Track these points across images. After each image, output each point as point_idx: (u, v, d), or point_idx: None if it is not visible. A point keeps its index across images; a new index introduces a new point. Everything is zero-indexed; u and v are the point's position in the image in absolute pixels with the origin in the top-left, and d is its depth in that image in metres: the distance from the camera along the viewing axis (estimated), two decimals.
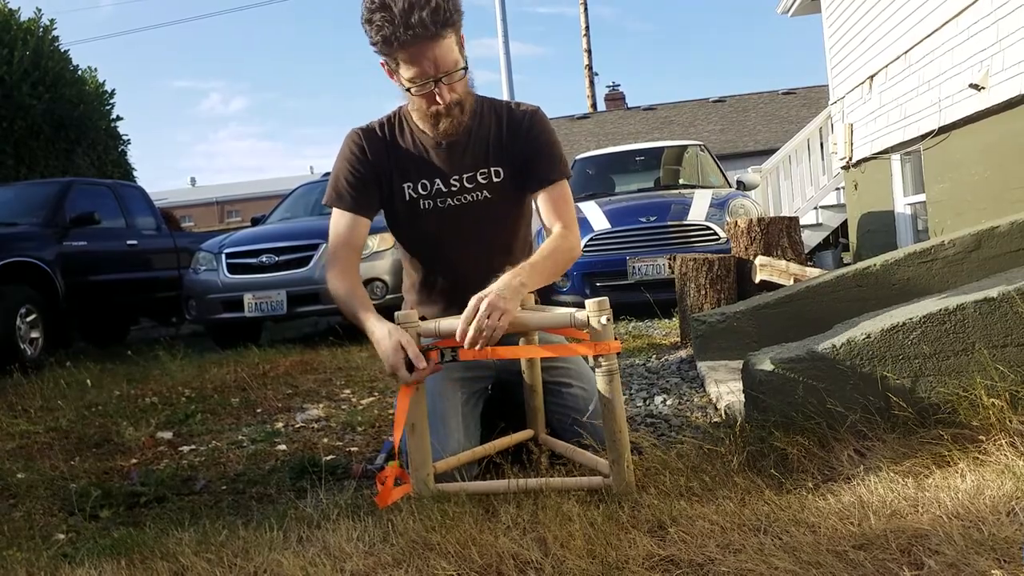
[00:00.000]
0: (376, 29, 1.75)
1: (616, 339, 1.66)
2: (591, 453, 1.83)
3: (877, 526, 1.38)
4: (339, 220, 1.98)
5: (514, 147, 1.98)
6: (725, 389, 2.55)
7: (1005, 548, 1.26)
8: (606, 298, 1.66)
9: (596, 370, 1.67)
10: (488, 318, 1.62)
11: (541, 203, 1.97)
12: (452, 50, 1.79)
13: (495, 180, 1.98)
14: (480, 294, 1.66)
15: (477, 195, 1.98)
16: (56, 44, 10.55)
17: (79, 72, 10.95)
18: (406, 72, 1.80)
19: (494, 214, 2.00)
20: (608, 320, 1.63)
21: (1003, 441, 1.68)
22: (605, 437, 1.68)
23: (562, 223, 1.94)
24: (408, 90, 1.84)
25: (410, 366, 1.69)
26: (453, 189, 1.98)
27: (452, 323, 1.73)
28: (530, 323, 1.85)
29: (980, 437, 1.72)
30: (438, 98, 1.83)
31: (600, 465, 1.73)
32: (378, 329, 1.75)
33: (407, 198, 2.00)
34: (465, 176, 1.97)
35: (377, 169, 1.98)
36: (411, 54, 1.76)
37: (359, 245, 1.99)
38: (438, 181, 1.97)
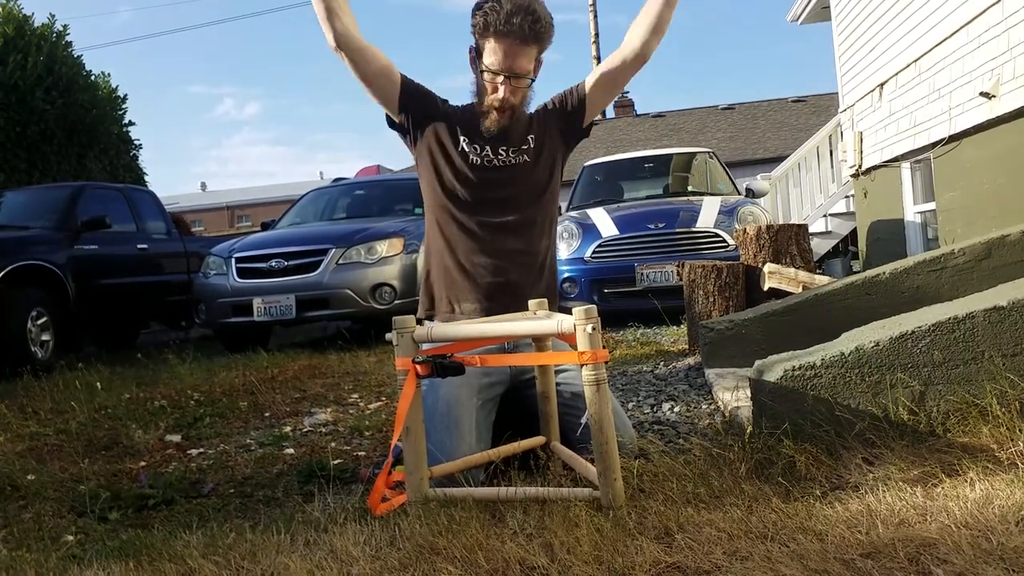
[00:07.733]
0: (483, 14, 2.07)
1: (604, 347, 1.64)
2: (591, 463, 1.82)
3: (885, 535, 1.37)
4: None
5: (548, 116, 2.26)
6: (733, 396, 2.55)
7: (1014, 558, 1.25)
8: (594, 306, 1.64)
9: (584, 379, 1.64)
10: None
11: (604, 63, 2.22)
12: (529, 61, 2.11)
13: (532, 146, 2.23)
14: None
15: (519, 158, 2.21)
16: (69, 49, 10.60)
17: (92, 77, 10.99)
18: (487, 57, 2.10)
19: (533, 177, 2.21)
20: (595, 328, 1.61)
21: (1013, 450, 1.67)
22: (593, 449, 1.65)
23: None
24: (482, 72, 2.11)
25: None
26: (500, 158, 2.20)
27: (444, 329, 1.81)
28: (517, 331, 1.86)
29: (990, 446, 1.72)
30: (501, 91, 2.10)
31: (594, 476, 1.70)
32: None
33: (461, 149, 2.18)
34: (511, 149, 2.21)
35: (447, 111, 2.21)
36: (499, 45, 2.07)
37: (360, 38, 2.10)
38: (488, 149, 2.20)
